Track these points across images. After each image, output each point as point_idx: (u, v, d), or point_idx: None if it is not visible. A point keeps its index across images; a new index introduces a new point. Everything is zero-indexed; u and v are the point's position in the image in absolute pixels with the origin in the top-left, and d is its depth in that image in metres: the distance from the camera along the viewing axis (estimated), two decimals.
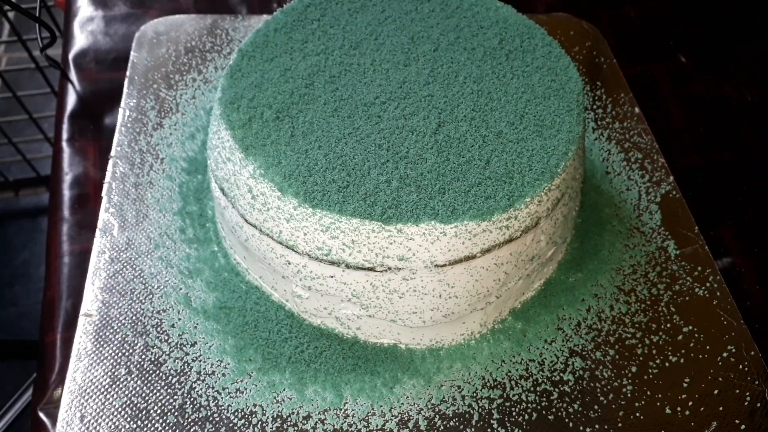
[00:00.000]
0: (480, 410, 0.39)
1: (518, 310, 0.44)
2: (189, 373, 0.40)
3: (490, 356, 0.42)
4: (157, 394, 0.39)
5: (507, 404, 0.40)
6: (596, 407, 0.40)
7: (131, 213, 0.46)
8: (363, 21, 0.45)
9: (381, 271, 0.37)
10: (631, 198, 0.50)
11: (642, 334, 0.43)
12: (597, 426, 0.39)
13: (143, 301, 0.42)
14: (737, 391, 0.41)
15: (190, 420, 0.38)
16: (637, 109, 0.56)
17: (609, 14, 0.69)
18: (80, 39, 0.62)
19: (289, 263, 0.38)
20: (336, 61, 0.42)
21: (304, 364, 0.40)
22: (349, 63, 0.42)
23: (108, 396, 0.38)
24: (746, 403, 0.40)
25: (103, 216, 0.46)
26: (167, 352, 0.40)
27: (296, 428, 0.38)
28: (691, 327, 0.43)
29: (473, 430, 0.39)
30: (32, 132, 0.97)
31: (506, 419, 0.39)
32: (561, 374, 0.41)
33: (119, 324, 0.41)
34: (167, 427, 0.38)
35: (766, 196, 0.58)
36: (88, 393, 0.38)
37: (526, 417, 0.39)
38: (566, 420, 0.39)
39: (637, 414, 0.40)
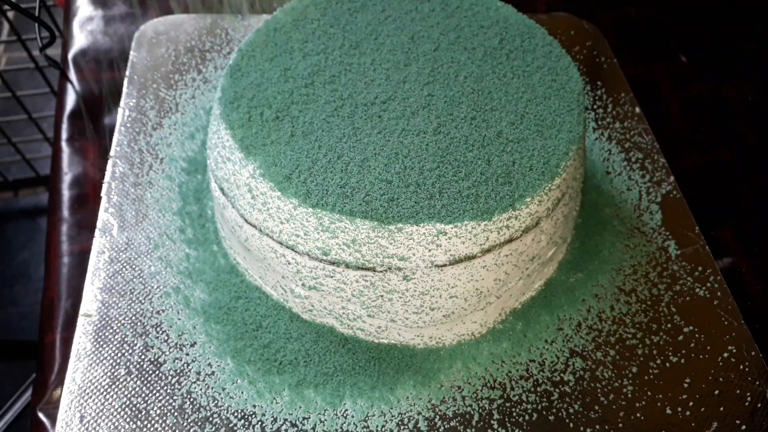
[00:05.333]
0: (480, 410, 0.39)
1: (518, 311, 0.44)
2: (188, 373, 0.40)
3: (491, 356, 0.42)
4: (157, 394, 0.39)
5: (507, 404, 0.40)
6: (597, 408, 0.40)
7: (131, 213, 0.46)
8: (363, 20, 0.45)
9: (381, 271, 0.36)
10: (632, 198, 0.50)
11: (642, 335, 0.43)
12: (597, 426, 0.39)
13: (143, 301, 0.42)
14: (738, 391, 0.41)
15: (189, 420, 0.38)
16: (637, 109, 0.56)
17: (609, 14, 0.69)
18: (80, 39, 0.62)
19: (288, 263, 0.38)
20: (336, 61, 0.42)
21: (304, 365, 0.40)
22: (349, 63, 0.42)
23: (107, 396, 0.38)
24: (747, 404, 0.40)
25: (103, 216, 0.46)
26: (167, 353, 0.40)
27: (296, 429, 0.38)
28: (691, 327, 0.43)
29: (473, 430, 0.39)
30: (32, 132, 0.97)
31: (506, 420, 0.39)
32: (561, 374, 0.41)
33: (119, 324, 0.41)
34: (167, 428, 0.38)
35: (767, 196, 0.57)
36: (88, 393, 0.38)
37: (527, 417, 0.39)
38: (567, 420, 0.39)
39: (638, 414, 0.40)
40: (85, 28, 0.63)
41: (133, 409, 0.38)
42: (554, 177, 0.37)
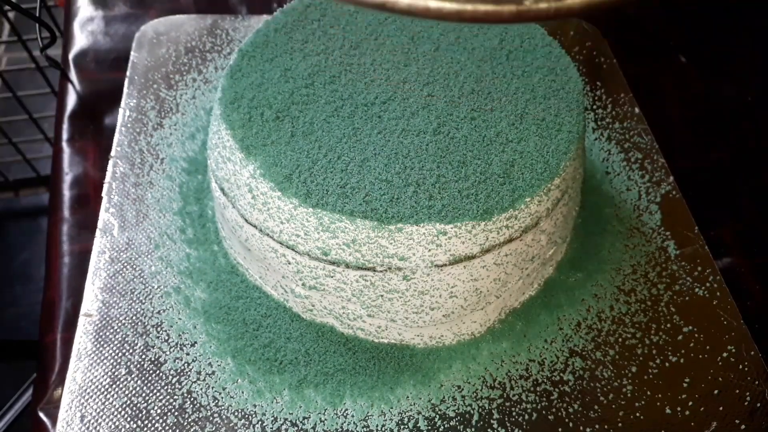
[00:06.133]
0: (480, 410, 0.39)
1: (518, 310, 0.44)
2: (189, 373, 0.40)
3: (490, 356, 0.42)
4: (157, 394, 0.39)
5: (507, 404, 0.40)
6: (596, 407, 0.40)
7: (131, 213, 0.46)
8: (363, 21, 0.45)
9: (381, 271, 0.37)
10: (631, 198, 0.50)
11: (642, 334, 0.43)
12: (597, 426, 0.39)
13: (143, 301, 0.42)
14: (737, 391, 0.41)
15: (190, 420, 0.38)
16: (637, 109, 0.56)
17: (609, 14, 0.69)
18: (80, 39, 0.62)
19: (289, 263, 0.38)
20: (336, 61, 0.42)
21: (304, 364, 0.40)
22: (349, 63, 0.42)
23: (108, 396, 0.38)
24: (746, 403, 0.40)
25: (103, 216, 0.46)
26: (167, 352, 0.40)
27: (296, 428, 0.38)
28: (691, 327, 0.43)
29: (473, 430, 0.39)
30: (32, 132, 0.97)
31: (506, 419, 0.39)
32: (561, 374, 0.41)
33: (119, 324, 0.41)
34: (167, 427, 0.38)
35: (766, 196, 0.57)
36: (88, 393, 0.38)
37: (526, 417, 0.39)
38: (566, 420, 0.39)
39: (637, 414, 0.40)
40: (85, 28, 0.63)
41: (134, 408, 0.38)
42: (554, 177, 0.37)
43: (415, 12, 0.17)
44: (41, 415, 0.42)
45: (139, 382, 0.39)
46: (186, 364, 0.40)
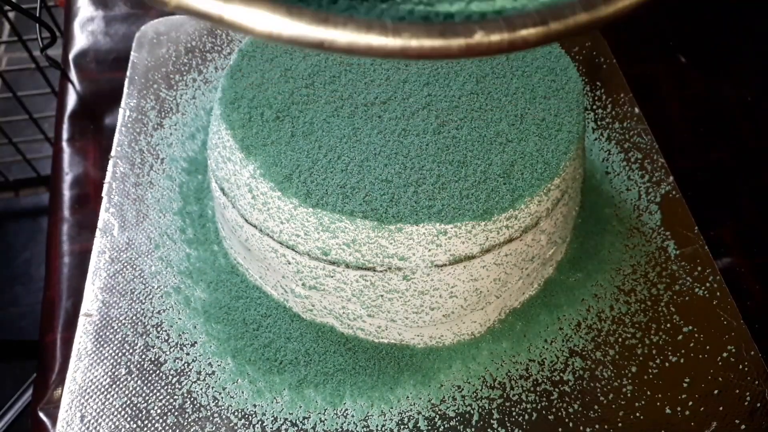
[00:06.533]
0: (480, 410, 0.39)
1: (518, 310, 0.44)
2: (189, 373, 0.40)
3: (490, 356, 0.42)
4: (157, 394, 0.39)
5: (507, 404, 0.40)
6: (596, 407, 0.40)
7: (131, 213, 0.46)
8: None
9: (381, 271, 0.37)
10: (631, 198, 0.50)
11: (642, 334, 0.43)
12: (597, 426, 0.39)
13: (143, 301, 0.42)
14: (737, 391, 0.41)
15: (190, 420, 0.38)
16: (636, 109, 0.56)
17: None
18: (80, 39, 0.62)
19: (289, 263, 0.38)
20: (336, 61, 0.42)
21: (304, 364, 0.40)
22: (349, 63, 0.42)
23: (108, 396, 0.38)
24: (746, 403, 0.40)
25: (104, 216, 0.46)
26: (167, 352, 0.40)
27: (296, 428, 0.38)
28: (691, 327, 0.43)
29: (473, 430, 0.39)
30: (32, 132, 0.97)
31: (506, 419, 0.39)
32: (561, 374, 0.41)
33: (119, 324, 0.41)
34: (167, 427, 0.38)
35: (766, 196, 0.57)
36: (88, 393, 0.38)
37: (526, 417, 0.39)
38: (566, 420, 0.39)
39: (637, 414, 0.40)
40: (85, 28, 0.63)
41: (134, 408, 0.38)
42: (554, 177, 0.37)
43: (356, 50, 0.15)
44: (41, 415, 0.42)
45: (139, 382, 0.39)
46: (186, 364, 0.40)
